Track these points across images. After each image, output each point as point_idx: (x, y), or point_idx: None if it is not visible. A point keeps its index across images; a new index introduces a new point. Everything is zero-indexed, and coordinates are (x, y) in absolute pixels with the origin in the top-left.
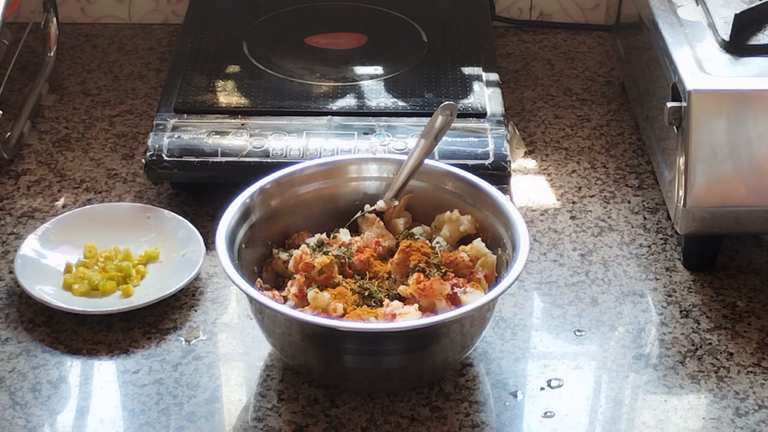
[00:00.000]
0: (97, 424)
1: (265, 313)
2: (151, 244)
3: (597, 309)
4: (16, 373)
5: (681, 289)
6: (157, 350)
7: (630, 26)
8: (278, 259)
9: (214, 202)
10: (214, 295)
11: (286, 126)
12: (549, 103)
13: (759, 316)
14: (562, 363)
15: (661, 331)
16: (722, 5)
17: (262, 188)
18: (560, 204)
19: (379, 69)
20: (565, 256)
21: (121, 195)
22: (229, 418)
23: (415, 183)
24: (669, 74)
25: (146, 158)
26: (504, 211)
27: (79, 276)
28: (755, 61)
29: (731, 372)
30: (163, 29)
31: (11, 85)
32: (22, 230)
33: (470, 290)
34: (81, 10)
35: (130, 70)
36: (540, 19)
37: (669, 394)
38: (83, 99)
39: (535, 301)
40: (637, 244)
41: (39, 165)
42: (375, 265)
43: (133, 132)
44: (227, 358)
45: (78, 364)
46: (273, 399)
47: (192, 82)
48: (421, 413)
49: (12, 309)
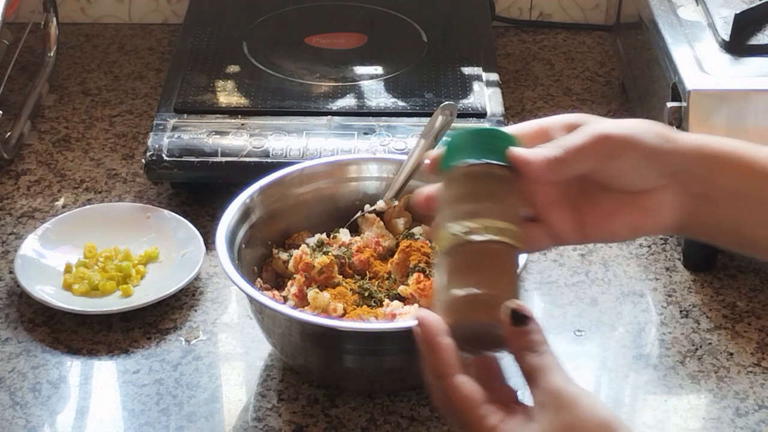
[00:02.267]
0: (97, 424)
1: (265, 313)
2: (151, 244)
3: (597, 309)
4: (16, 373)
5: (681, 289)
6: (157, 350)
7: (630, 26)
8: (278, 259)
9: (214, 202)
10: (214, 295)
11: (286, 126)
12: (549, 103)
13: (759, 316)
14: (562, 363)
15: (661, 331)
16: (722, 5)
17: (262, 188)
18: None
19: (379, 69)
20: (565, 256)
21: (121, 195)
22: (229, 418)
23: (415, 183)
24: (669, 74)
25: (146, 158)
26: None
27: (79, 276)
28: (755, 61)
29: (731, 372)
30: (163, 29)
31: (11, 85)
32: (22, 230)
33: None
34: (81, 10)
35: (130, 70)
36: (540, 19)
37: (669, 394)
38: (83, 99)
39: (535, 301)
40: (637, 244)
41: (39, 165)
42: (375, 265)
43: (133, 132)
44: (227, 358)
45: (78, 364)
46: (273, 399)
47: (192, 82)
48: (421, 413)
49: (12, 309)
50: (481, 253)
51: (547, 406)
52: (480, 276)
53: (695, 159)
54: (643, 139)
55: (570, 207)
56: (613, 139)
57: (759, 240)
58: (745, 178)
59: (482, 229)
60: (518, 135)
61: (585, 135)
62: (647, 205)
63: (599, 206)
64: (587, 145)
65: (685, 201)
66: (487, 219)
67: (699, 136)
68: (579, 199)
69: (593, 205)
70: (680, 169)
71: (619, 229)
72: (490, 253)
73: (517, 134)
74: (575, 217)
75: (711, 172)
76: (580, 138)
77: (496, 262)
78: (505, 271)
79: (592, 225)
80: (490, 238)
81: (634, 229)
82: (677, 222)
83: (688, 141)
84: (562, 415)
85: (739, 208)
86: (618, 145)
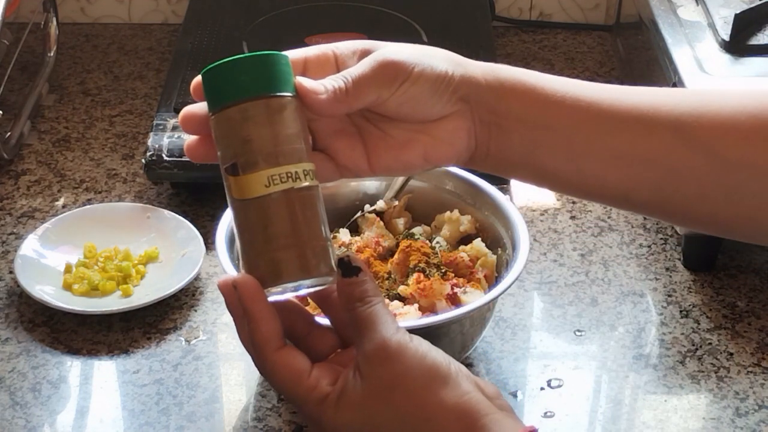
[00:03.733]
0: (97, 424)
1: None
2: (151, 244)
3: (597, 309)
4: (16, 373)
5: (681, 289)
6: (157, 350)
7: (630, 26)
8: None
9: (214, 202)
10: (214, 295)
11: None
12: None
13: (759, 316)
14: (562, 363)
15: (661, 331)
16: (722, 5)
17: None
18: (560, 204)
19: None
20: (565, 256)
21: (121, 195)
22: (229, 418)
23: (415, 183)
24: (669, 74)
25: (146, 158)
26: (504, 211)
27: (79, 276)
28: (755, 61)
29: (731, 372)
30: (163, 29)
31: (11, 85)
32: (22, 230)
33: (470, 290)
34: (81, 10)
35: (130, 70)
36: (540, 19)
37: (669, 394)
38: (83, 99)
39: (535, 301)
40: (637, 244)
41: (39, 165)
42: (375, 265)
43: (133, 132)
44: (227, 358)
45: (78, 364)
46: (273, 399)
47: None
48: None
49: (12, 309)
50: (291, 203)
51: (373, 359)
52: (295, 228)
53: (485, 85)
54: (431, 64)
55: (356, 137)
56: (398, 65)
57: (550, 170)
58: (532, 105)
59: (291, 176)
60: (303, 60)
61: (371, 63)
62: (439, 133)
63: (389, 137)
64: (373, 73)
65: (478, 129)
66: (292, 164)
67: (490, 64)
68: (367, 130)
69: (382, 136)
70: (470, 95)
71: (412, 160)
72: (299, 202)
73: (301, 59)
74: (363, 148)
75: (500, 99)
76: (365, 66)
77: (308, 211)
78: (318, 217)
79: (382, 156)
80: (300, 185)
81: (427, 159)
82: (471, 152)
83: (478, 67)
84: (389, 367)
85: (529, 137)
86: (404, 70)
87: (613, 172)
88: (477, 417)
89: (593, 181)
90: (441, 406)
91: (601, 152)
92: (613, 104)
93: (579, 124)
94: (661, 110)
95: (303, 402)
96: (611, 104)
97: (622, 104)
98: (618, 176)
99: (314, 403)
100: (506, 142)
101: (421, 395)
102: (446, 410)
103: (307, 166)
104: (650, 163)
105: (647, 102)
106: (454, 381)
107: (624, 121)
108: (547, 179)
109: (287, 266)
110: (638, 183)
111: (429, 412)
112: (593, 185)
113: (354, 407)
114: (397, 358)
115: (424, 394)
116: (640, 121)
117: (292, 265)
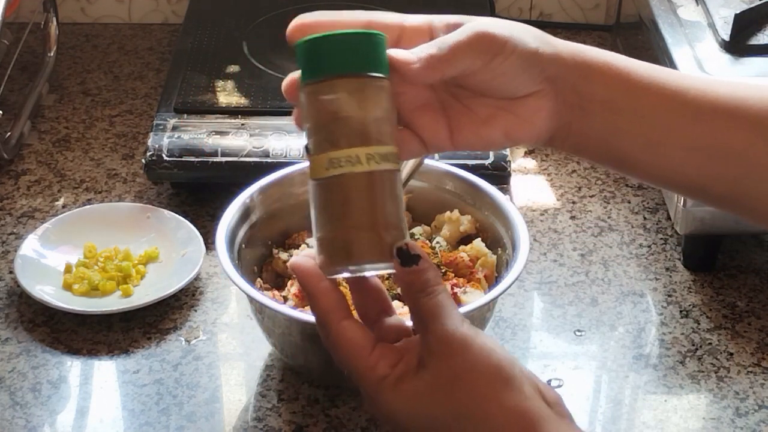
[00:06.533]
0: (97, 424)
1: (265, 313)
2: (151, 244)
3: (597, 309)
4: (16, 373)
5: (681, 289)
6: (157, 350)
7: (630, 26)
8: (278, 259)
9: (214, 202)
10: (214, 295)
11: (286, 126)
12: None
13: (759, 316)
14: (562, 363)
15: (661, 331)
16: (722, 5)
17: (262, 188)
18: (560, 204)
19: None
20: (565, 256)
21: (121, 195)
22: (229, 418)
23: (415, 183)
24: None
25: (146, 158)
26: (504, 211)
27: (79, 276)
28: (755, 61)
29: (731, 372)
30: (163, 29)
31: (11, 85)
32: (22, 230)
33: (470, 290)
34: (81, 10)
35: (130, 70)
36: (540, 19)
37: (669, 394)
38: (83, 99)
39: (535, 301)
40: (637, 244)
41: (39, 165)
42: None
43: (133, 132)
44: (227, 358)
45: (78, 364)
46: (273, 399)
47: (192, 82)
48: None
49: (12, 309)
50: (363, 185)
51: (437, 352)
52: (364, 211)
53: (572, 66)
54: (523, 39)
55: (441, 112)
56: (494, 37)
57: (629, 156)
58: (618, 88)
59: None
60: (399, 26)
61: (465, 32)
62: (522, 111)
63: (473, 112)
64: (468, 41)
65: (561, 110)
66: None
67: (578, 44)
68: (451, 105)
69: (466, 111)
70: (556, 75)
71: (494, 136)
72: (372, 184)
73: (397, 25)
74: (446, 123)
75: (586, 80)
76: (460, 35)
77: (381, 194)
78: (396, 202)
79: (465, 131)
80: (373, 168)
81: (508, 136)
82: (551, 131)
83: (566, 47)
84: (452, 361)
85: (612, 121)
86: (498, 43)
87: (692, 163)
88: (535, 421)
89: (671, 171)
90: (501, 406)
91: (681, 142)
92: (697, 95)
93: (663, 113)
94: (744, 104)
95: (360, 377)
96: (696, 95)
97: (705, 95)
98: (696, 168)
99: (372, 381)
100: (588, 125)
101: (483, 393)
102: (506, 412)
103: (393, 148)
104: (730, 157)
105: (730, 95)
106: (517, 383)
107: (707, 113)
108: (624, 165)
109: (358, 247)
110: (716, 176)
111: (488, 411)
112: (671, 175)
113: (413, 395)
114: (462, 353)
115: (485, 392)
116: (723, 114)
117: (362, 247)
